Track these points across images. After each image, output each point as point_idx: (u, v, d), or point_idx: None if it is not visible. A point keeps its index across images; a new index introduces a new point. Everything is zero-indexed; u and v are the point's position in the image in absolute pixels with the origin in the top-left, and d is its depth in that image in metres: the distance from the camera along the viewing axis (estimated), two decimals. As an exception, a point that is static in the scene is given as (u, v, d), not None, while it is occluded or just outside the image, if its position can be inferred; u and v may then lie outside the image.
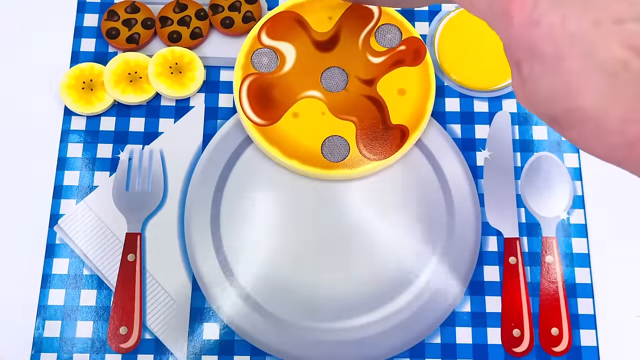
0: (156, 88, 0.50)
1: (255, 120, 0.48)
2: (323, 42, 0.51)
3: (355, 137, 0.48)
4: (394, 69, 0.50)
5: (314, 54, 0.50)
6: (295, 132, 0.48)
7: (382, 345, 0.46)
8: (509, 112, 0.52)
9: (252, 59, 0.50)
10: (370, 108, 0.49)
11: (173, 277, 0.47)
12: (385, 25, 0.51)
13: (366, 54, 0.50)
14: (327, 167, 0.48)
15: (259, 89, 0.49)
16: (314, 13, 0.51)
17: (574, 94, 0.26)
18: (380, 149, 0.48)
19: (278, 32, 0.51)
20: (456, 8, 0.55)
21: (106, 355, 0.45)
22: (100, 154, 0.50)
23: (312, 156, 0.48)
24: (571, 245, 0.48)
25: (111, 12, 0.53)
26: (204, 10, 0.53)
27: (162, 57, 0.51)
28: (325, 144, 0.48)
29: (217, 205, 0.49)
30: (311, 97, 0.49)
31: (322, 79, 0.49)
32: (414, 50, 0.51)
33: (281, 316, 0.46)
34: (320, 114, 0.49)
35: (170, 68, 0.51)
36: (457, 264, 0.48)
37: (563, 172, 0.50)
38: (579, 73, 0.26)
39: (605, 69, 0.25)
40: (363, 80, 0.50)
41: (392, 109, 0.49)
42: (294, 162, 0.48)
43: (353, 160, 0.48)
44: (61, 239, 0.48)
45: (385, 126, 0.49)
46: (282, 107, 0.49)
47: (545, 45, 0.27)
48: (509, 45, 0.29)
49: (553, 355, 0.46)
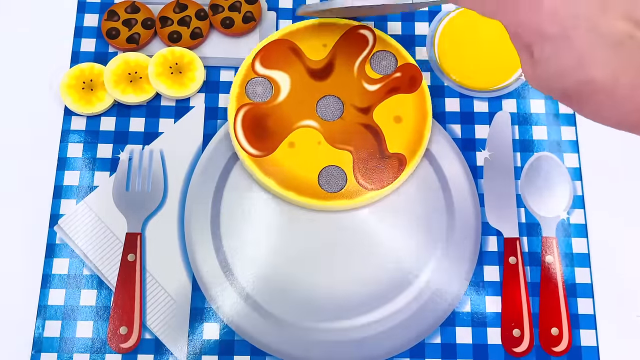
0: (156, 88, 0.50)
1: (250, 151, 0.48)
2: (318, 70, 0.50)
3: (353, 167, 0.48)
4: (390, 96, 0.50)
5: (308, 82, 0.50)
6: (292, 163, 0.48)
7: (382, 345, 0.46)
8: (509, 112, 0.52)
9: (247, 88, 0.49)
10: (366, 137, 0.49)
11: (173, 277, 0.47)
12: (380, 52, 0.51)
13: (362, 82, 0.50)
14: (324, 198, 0.47)
15: (254, 119, 0.49)
16: (308, 41, 0.51)
17: (584, 67, 0.28)
18: (377, 179, 0.48)
19: (272, 61, 0.50)
20: (456, 8, 0.55)
21: (106, 355, 0.45)
22: (100, 154, 0.50)
23: (308, 187, 0.47)
24: (571, 245, 0.48)
25: (111, 12, 0.53)
26: (204, 10, 0.53)
27: (162, 57, 0.51)
28: (322, 175, 0.48)
29: (217, 205, 0.49)
30: (307, 126, 0.49)
31: (318, 107, 0.49)
32: (409, 77, 0.50)
33: (281, 316, 0.46)
34: (317, 143, 0.48)
35: (171, 68, 0.51)
36: (457, 264, 0.48)
37: (563, 172, 0.50)
38: (586, 47, 0.28)
39: (610, 41, 0.27)
40: (359, 109, 0.49)
41: (388, 137, 0.49)
42: (290, 193, 0.47)
43: (350, 190, 0.47)
44: (61, 239, 0.48)
45: (382, 155, 0.48)
46: (277, 137, 0.48)
47: (553, 25, 0.28)
48: (518, 32, 0.30)
49: (553, 355, 0.46)
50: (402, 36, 0.54)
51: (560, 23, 0.28)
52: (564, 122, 0.52)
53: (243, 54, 0.53)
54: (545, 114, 0.52)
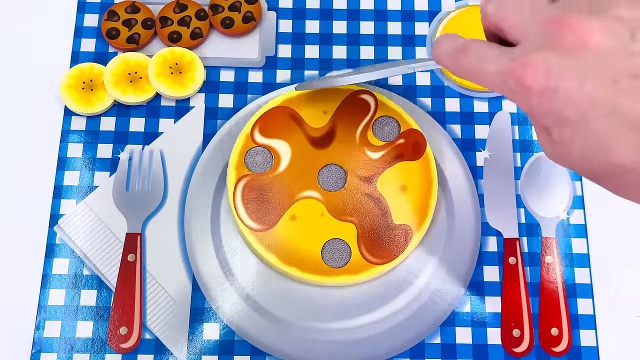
0: (156, 88, 0.50)
1: (251, 225, 0.46)
2: (319, 138, 0.49)
3: (357, 240, 0.46)
4: (394, 164, 0.48)
5: (309, 151, 0.48)
6: (294, 237, 0.46)
7: (382, 346, 0.46)
8: (509, 112, 0.52)
9: (246, 159, 0.48)
10: (370, 207, 0.47)
11: (173, 277, 0.47)
12: (382, 117, 0.49)
13: (364, 149, 0.48)
14: (328, 274, 0.45)
15: (254, 191, 0.47)
16: (308, 107, 0.49)
17: (608, 151, 0.26)
18: (383, 252, 0.46)
19: (272, 130, 0.48)
20: (456, 8, 0.55)
21: (106, 355, 0.45)
22: (100, 154, 0.50)
23: (311, 262, 0.46)
24: (571, 246, 0.48)
25: (111, 12, 0.53)
26: (204, 10, 0.53)
27: (162, 58, 0.51)
28: (326, 248, 0.46)
29: (217, 205, 0.49)
30: (309, 197, 0.47)
31: (320, 177, 0.47)
32: (413, 144, 0.48)
33: (281, 316, 0.46)
34: (319, 215, 0.47)
35: (171, 68, 0.51)
36: (457, 264, 0.48)
37: (563, 173, 0.50)
38: (608, 132, 0.26)
39: (633, 124, 0.25)
40: (362, 178, 0.48)
41: (393, 207, 0.47)
42: (292, 269, 0.46)
43: (355, 265, 0.46)
44: (61, 239, 0.48)
45: (387, 227, 0.46)
46: (278, 209, 0.47)
47: (569, 109, 0.27)
48: (533, 114, 0.28)
49: (553, 355, 0.46)
50: (402, 36, 0.54)
51: (576, 107, 0.26)
52: (564, 122, 0.51)
53: (243, 54, 0.53)
54: (545, 114, 0.52)
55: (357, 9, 0.55)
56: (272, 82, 0.52)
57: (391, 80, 0.52)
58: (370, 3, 0.55)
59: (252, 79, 0.52)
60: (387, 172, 0.48)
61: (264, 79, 0.52)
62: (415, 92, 0.52)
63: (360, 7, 0.55)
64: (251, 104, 0.51)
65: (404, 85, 0.52)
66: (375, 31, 0.54)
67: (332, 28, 0.54)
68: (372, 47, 0.53)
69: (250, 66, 0.53)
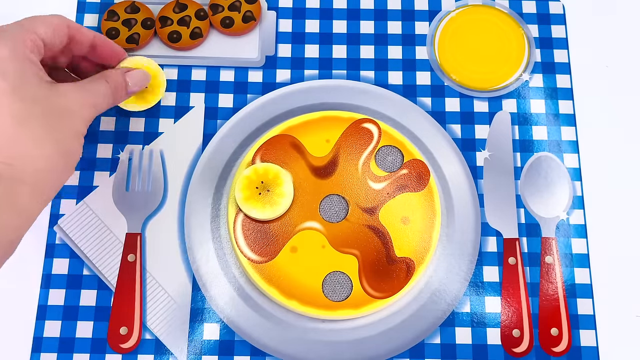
0: (248, 214, 0.46)
1: (251, 257, 0.46)
2: (321, 167, 0.48)
3: (359, 273, 0.46)
4: (397, 195, 0.47)
5: (311, 180, 0.47)
6: (294, 269, 0.46)
7: (382, 346, 0.46)
8: (509, 112, 0.52)
9: None
10: (372, 239, 0.46)
11: (173, 277, 0.47)
12: (385, 147, 0.48)
13: (366, 180, 0.48)
14: (329, 308, 0.45)
15: (255, 221, 0.47)
16: (311, 136, 0.49)
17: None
18: (385, 286, 0.45)
19: (273, 158, 0.48)
20: (456, 8, 0.55)
21: (106, 355, 0.45)
22: (100, 154, 0.50)
23: (313, 295, 0.45)
24: (571, 246, 0.48)
25: (111, 12, 0.53)
26: (204, 10, 0.53)
27: (247, 180, 0.46)
28: (327, 281, 0.45)
29: (217, 205, 0.49)
30: (310, 228, 0.46)
31: (321, 208, 0.47)
32: (416, 174, 0.48)
33: (281, 316, 0.46)
34: (320, 247, 0.46)
35: (257, 188, 0.46)
36: (457, 264, 0.48)
37: (563, 173, 0.50)
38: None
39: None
40: (364, 209, 0.47)
41: (396, 240, 0.46)
42: (293, 302, 0.45)
43: (356, 299, 0.45)
44: (61, 239, 0.48)
45: (389, 260, 0.46)
46: (279, 241, 0.46)
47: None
48: None
49: (553, 355, 0.46)
50: (402, 35, 0.54)
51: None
52: (564, 122, 0.51)
53: (243, 53, 0.53)
54: (545, 114, 0.52)
55: (357, 9, 0.55)
56: (272, 82, 0.52)
57: (391, 80, 0.52)
58: (370, 2, 0.55)
59: (252, 79, 0.52)
60: (390, 203, 0.47)
61: (263, 79, 0.52)
62: (415, 92, 0.52)
63: (360, 6, 0.55)
64: (251, 103, 0.51)
65: (404, 85, 0.52)
66: (375, 31, 0.54)
67: (332, 27, 0.54)
68: (372, 46, 0.53)
69: (250, 66, 0.53)
